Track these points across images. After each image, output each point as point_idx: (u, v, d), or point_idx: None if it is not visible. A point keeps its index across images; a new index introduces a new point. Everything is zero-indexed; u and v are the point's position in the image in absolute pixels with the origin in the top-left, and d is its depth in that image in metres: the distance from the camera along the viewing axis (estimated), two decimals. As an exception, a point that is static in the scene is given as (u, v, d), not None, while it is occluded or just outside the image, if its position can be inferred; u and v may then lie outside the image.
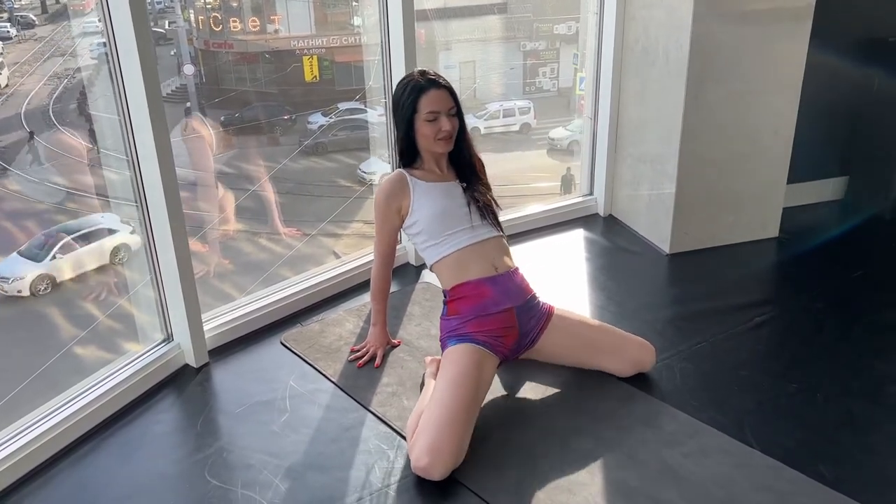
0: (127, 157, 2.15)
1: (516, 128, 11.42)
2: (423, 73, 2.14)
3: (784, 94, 3.00)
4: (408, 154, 2.20)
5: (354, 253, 2.99)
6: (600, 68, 3.30)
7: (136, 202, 2.20)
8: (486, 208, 2.18)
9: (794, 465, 1.86)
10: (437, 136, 2.11)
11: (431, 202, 2.15)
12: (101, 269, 6.16)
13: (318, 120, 11.16)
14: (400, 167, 2.23)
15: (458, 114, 2.15)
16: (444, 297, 2.16)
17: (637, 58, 3.13)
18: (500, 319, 2.09)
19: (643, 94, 3.14)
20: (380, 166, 3.28)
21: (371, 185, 6.65)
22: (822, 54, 3.06)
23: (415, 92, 2.10)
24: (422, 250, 2.21)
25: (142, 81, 1.99)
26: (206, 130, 5.82)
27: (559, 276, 2.94)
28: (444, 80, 2.14)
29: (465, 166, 2.22)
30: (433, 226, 2.14)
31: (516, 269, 2.18)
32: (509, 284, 2.12)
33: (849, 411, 2.10)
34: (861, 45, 3.33)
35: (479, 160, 2.27)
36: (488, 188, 2.25)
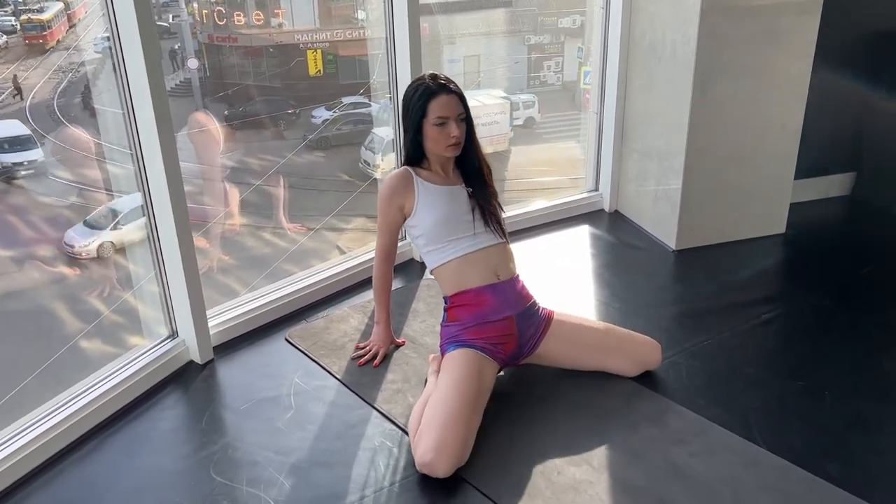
0: (131, 150, 2.14)
1: (520, 122, 11.36)
2: (434, 76, 2.12)
3: (792, 89, 2.98)
4: (414, 156, 2.19)
5: (359, 249, 2.98)
6: (606, 62, 3.28)
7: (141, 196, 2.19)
8: (490, 215, 2.16)
9: (801, 465, 1.85)
10: (446, 142, 2.09)
11: (435, 206, 2.13)
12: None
13: (321, 114, 11.14)
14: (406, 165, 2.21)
15: (467, 119, 2.13)
16: (445, 303, 2.15)
17: (644, 52, 3.11)
18: (499, 327, 2.08)
19: (649, 88, 3.12)
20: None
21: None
22: (830, 48, 3.03)
23: (425, 96, 2.08)
24: (423, 254, 2.20)
25: (145, 75, 1.97)
26: (213, 125, 5.83)
27: (564, 272, 2.93)
28: (455, 85, 2.11)
29: (471, 171, 2.19)
30: (435, 231, 2.12)
31: (517, 276, 2.17)
32: (510, 292, 2.11)
33: (857, 410, 2.09)
34: (870, 39, 3.31)
35: (487, 165, 2.24)
36: (494, 195, 2.22)
